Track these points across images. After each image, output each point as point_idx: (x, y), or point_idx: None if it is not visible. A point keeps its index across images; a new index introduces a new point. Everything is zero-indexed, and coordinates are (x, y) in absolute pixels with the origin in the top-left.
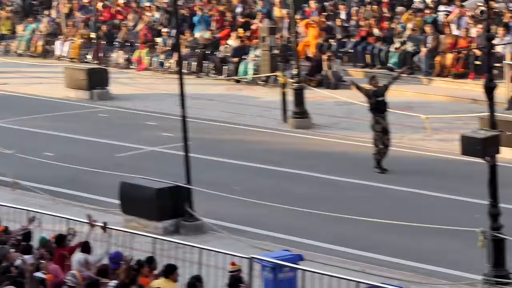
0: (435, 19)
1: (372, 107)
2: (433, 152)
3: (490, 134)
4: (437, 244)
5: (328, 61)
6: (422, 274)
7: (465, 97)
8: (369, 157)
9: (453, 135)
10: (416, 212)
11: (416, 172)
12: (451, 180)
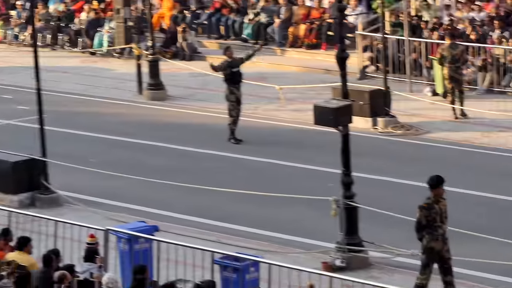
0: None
1: (226, 78)
2: (288, 122)
3: (342, 104)
4: (293, 213)
5: (182, 33)
6: (278, 243)
7: (318, 68)
8: (224, 128)
9: (306, 105)
10: (272, 182)
11: (271, 143)
12: (306, 150)
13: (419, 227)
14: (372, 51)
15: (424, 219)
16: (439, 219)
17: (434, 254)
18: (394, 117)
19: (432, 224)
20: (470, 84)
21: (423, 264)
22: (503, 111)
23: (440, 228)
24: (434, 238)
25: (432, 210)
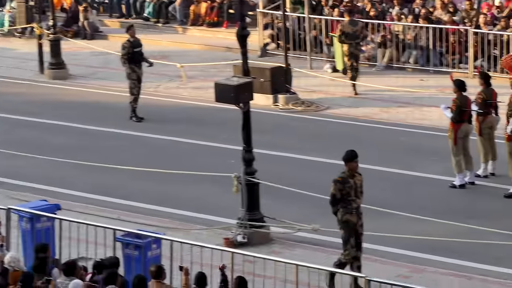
0: None
1: (128, 57)
2: (189, 100)
3: (243, 81)
4: (195, 190)
5: (84, 12)
6: (179, 220)
7: (220, 45)
8: (126, 107)
9: (208, 83)
10: (174, 159)
11: (173, 120)
12: (207, 127)
13: (333, 200)
14: (272, 29)
15: (339, 192)
16: (353, 193)
17: (351, 227)
18: (294, 93)
19: (346, 198)
20: (369, 61)
21: (344, 240)
22: (402, 86)
23: (354, 202)
24: (348, 212)
25: (346, 184)
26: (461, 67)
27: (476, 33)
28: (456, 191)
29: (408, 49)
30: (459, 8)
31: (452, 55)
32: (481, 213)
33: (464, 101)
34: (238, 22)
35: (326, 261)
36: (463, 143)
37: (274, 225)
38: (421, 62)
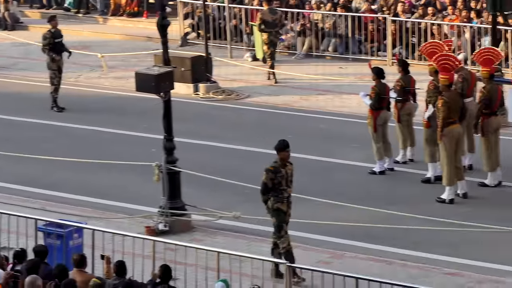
0: None
1: (50, 47)
2: (110, 89)
3: (163, 71)
4: (116, 179)
5: (5, 3)
6: (101, 209)
7: (140, 35)
8: (47, 97)
9: (129, 73)
10: (95, 149)
11: (94, 110)
12: (129, 116)
13: (265, 189)
14: (193, 18)
15: (270, 181)
16: (284, 182)
17: (282, 215)
18: (215, 82)
19: (278, 188)
20: (289, 49)
21: (276, 228)
22: (321, 74)
23: (285, 192)
24: (279, 201)
25: (278, 174)
26: (379, 55)
27: (394, 21)
28: (376, 177)
29: (327, 37)
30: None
31: (370, 43)
32: (400, 199)
33: (383, 89)
34: (158, 12)
35: (248, 248)
36: (383, 130)
37: (195, 213)
38: (340, 50)
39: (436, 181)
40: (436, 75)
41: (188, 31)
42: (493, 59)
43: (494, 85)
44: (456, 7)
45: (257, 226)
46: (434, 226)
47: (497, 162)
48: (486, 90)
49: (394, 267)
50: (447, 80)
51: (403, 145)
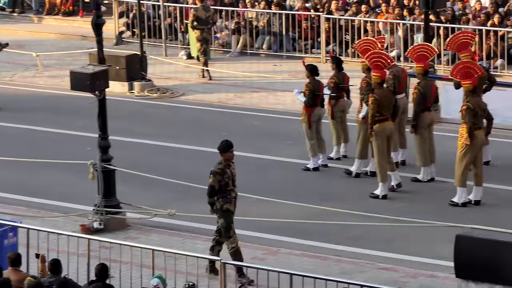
0: None
1: None
2: (45, 88)
3: (98, 69)
4: (52, 178)
5: None
6: (36, 208)
7: (75, 34)
8: None
9: (64, 72)
10: (31, 148)
11: (30, 109)
12: (64, 115)
13: (212, 192)
14: (128, 17)
15: (217, 184)
16: (231, 183)
17: (230, 216)
18: (150, 81)
19: (225, 189)
20: (224, 47)
21: (225, 229)
22: (256, 72)
23: (233, 192)
24: (228, 201)
25: (225, 175)
26: (313, 52)
27: (328, 18)
28: (310, 174)
29: (261, 35)
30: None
31: (304, 41)
32: (335, 195)
33: (316, 86)
34: (93, 11)
35: (182, 246)
36: (317, 126)
37: (130, 211)
38: (274, 48)
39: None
40: (369, 72)
41: (123, 30)
42: (427, 55)
43: (429, 81)
44: (389, 5)
45: (191, 223)
46: (368, 222)
47: (430, 158)
48: (420, 86)
49: (328, 263)
50: (379, 78)
51: (337, 142)
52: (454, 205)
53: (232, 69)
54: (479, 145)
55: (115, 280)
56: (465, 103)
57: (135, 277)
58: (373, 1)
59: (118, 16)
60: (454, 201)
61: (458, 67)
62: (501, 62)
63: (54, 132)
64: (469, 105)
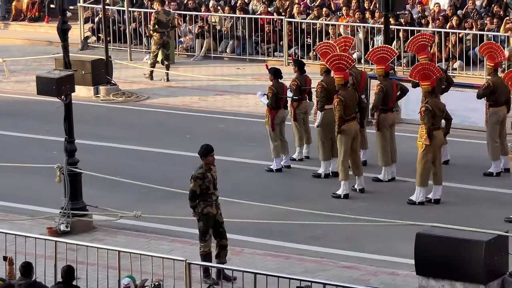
0: None
1: None
2: (12, 93)
3: (64, 74)
4: (19, 181)
5: None
6: (3, 211)
7: (42, 40)
8: None
9: (30, 77)
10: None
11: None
12: (30, 119)
13: (193, 196)
14: (93, 22)
15: (198, 188)
16: (212, 186)
17: (210, 219)
18: (115, 85)
19: (206, 192)
20: (188, 51)
21: (201, 232)
22: (219, 75)
23: (214, 195)
24: (209, 204)
25: (205, 179)
26: (276, 56)
27: (290, 22)
28: (273, 175)
29: (225, 39)
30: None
31: (267, 44)
32: (297, 195)
33: (279, 88)
34: (59, 16)
35: (148, 247)
36: (280, 128)
37: (96, 213)
38: (238, 51)
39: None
40: (327, 74)
41: (88, 35)
42: (387, 57)
43: (390, 82)
44: (350, 8)
45: (157, 225)
46: (330, 221)
47: (392, 157)
48: (382, 87)
49: (291, 262)
50: (342, 79)
51: (299, 143)
52: (411, 204)
53: (196, 73)
54: (438, 145)
55: (81, 281)
56: (424, 104)
57: (101, 278)
58: (334, 5)
59: (84, 21)
60: (412, 200)
61: (417, 69)
62: (459, 63)
63: (21, 137)
64: (428, 106)
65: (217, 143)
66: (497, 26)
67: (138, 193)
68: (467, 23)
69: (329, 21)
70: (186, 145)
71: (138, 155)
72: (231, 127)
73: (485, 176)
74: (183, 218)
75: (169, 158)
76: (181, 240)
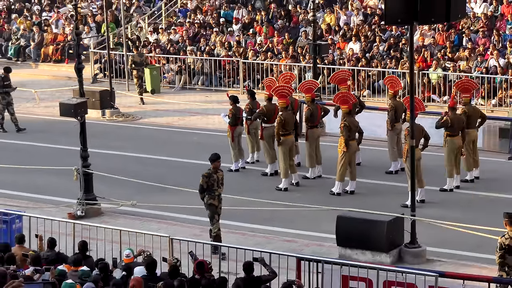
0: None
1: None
2: (41, 115)
3: (80, 101)
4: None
5: None
6: (35, 201)
7: (63, 76)
8: None
9: (55, 103)
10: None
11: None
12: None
13: (201, 189)
14: (101, 63)
15: (205, 184)
16: (216, 184)
17: (214, 208)
18: (117, 109)
19: (211, 188)
20: (170, 84)
21: (210, 218)
22: (193, 101)
23: (217, 191)
24: (212, 198)
25: (211, 178)
26: (234, 87)
27: (244, 62)
28: (233, 174)
29: (197, 75)
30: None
31: (228, 78)
32: (251, 188)
33: (237, 110)
34: (76, 59)
35: (141, 227)
36: (238, 140)
37: (103, 202)
38: (206, 83)
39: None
40: (269, 101)
41: (97, 72)
42: (312, 88)
43: (315, 105)
44: (288, 52)
45: (148, 211)
46: (274, 207)
47: (317, 161)
48: (309, 109)
49: (246, 237)
50: (284, 103)
51: (252, 150)
52: (332, 194)
53: (176, 100)
54: (353, 151)
55: (93, 252)
56: (343, 121)
57: (107, 250)
58: (276, 50)
59: (94, 62)
60: (333, 191)
61: (338, 96)
62: (368, 92)
63: (48, 147)
64: (346, 123)
65: (193, 151)
66: (395, 65)
67: (134, 188)
68: (373, 63)
69: (273, 62)
70: (171, 152)
71: (135, 160)
72: (202, 139)
73: (387, 173)
74: (168, 206)
75: (158, 161)
76: (166, 222)
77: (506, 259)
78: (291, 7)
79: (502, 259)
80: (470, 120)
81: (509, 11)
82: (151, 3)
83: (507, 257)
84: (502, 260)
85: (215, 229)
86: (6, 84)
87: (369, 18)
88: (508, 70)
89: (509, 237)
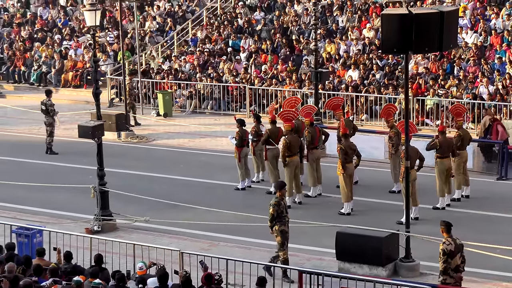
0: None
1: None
2: (61, 137)
3: (97, 123)
4: (66, 197)
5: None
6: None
7: (82, 100)
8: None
9: (74, 125)
10: (51, 176)
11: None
12: (74, 154)
13: (272, 218)
14: (117, 88)
15: (276, 212)
16: (285, 211)
17: (285, 234)
18: (132, 131)
19: (281, 215)
20: (181, 108)
21: (280, 244)
22: (202, 125)
23: (286, 217)
24: (283, 224)
25: (280, 206)
26: (241, 111)
27: (251, 88)
28: (240, 192)
29: (206, 99)
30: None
31: (235, 103)
32: (256, 205)
33: (244, 133)
34: (93, 84)
35: (154, 241)
36: (244, 160)
37: (118, 218)
38: (215, 108)
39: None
40: (273, 124)
41: (113, 97)
42: (311, 112)
43: (314, 128)
44: (291, 79)
45: (160, 226)
46: None
47: (318, 180)
48: (309, 132)
49: (252, 251)
50: (289, 127)
51: (257, 170)
52: (342, 214)
53: (187, 123)
54: (350, 172)
55: (108, 265)
56: (339, 145)
57: (122, 263)
58: (280, 76)
59: (110, 88)
60: (342, 212)
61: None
62: (365, 116)
63: (67, 166)
64: (342, 147)
65: (202, 171)
66: (393, 90)
67: (147, 205)
68: (370, 89)
69: (277, 88)
70: (181, 171)
71: (148, 179)
72: (211, 159)
73: (390, 193)
74: (178, 222)
75: (170, 180)
76: (177, 236)
77: (449, 263)
78: (294, 37)
79: (446, 264)
80: (463, 142)
81: (498, 42)
82: (164, 33)
83: (449, 261)
84: (446, 265)
85: (284, 254)
86: (45, 109)
87: (367, 47)
88: (496, 96)
89: (449, 243)
